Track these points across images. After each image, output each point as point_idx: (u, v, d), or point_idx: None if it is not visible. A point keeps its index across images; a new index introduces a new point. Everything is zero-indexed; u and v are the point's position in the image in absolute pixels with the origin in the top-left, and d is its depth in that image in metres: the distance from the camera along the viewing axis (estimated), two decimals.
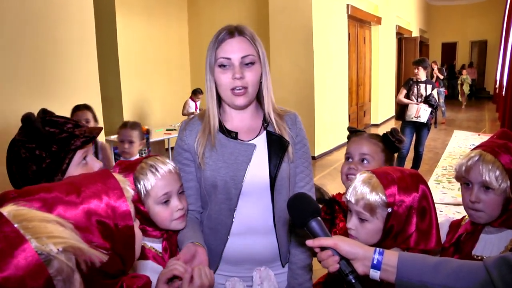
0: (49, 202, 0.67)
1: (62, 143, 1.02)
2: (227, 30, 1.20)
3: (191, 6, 8.35)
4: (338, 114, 7.66)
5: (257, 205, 1.21)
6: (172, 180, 1.15)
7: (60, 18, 2.57)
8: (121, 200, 0.75)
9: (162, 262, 1.12)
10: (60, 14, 2.57)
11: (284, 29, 6.68)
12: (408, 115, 5.04)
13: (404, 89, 5.20)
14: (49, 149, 1.01)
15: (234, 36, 1.18)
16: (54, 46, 2.55)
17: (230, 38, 1.18)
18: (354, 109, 9.01)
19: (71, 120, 1.09)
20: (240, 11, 7.67)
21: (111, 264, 0.72)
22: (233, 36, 1.18)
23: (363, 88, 9.55)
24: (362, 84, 9.50)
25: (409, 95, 5.12)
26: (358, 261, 0.87)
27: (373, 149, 1.34)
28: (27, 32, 2.36)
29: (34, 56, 2.44)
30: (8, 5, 2.25)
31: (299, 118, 1.34)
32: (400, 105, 5.21)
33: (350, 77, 8.51)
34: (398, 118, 5.30)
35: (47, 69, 2.52)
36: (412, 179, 1.04)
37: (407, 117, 5.05)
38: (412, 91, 5.11)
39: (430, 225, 1.03)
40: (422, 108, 4.97)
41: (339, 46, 7.62)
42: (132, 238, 0.77)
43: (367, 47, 9.63)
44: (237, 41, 1.18)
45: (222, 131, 1.23)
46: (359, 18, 8.53)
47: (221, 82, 1.19)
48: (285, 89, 6.86)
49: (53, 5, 2.50)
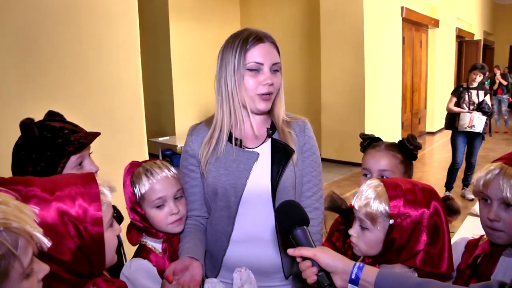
0: (23, 194, 0.73)
1: (56, 148, 1.07)
2: (256, 35, 1.18)
3: (244, 10, 8.47)
4: (390, 121, 7.38)
5: (258, 214, 1.19)
6: (168, 185, 1.16)
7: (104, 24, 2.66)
8: (94, 204, 0.78)
9: (161, 262, 1.15)
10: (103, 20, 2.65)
11: (335, 34, 6.58)
12: (460, 125, 4.67)
13: (453, 97, 4.85)
14: (44, 153, 1.06)
15: (264, 42, 1.17)
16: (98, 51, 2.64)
17: (261, 43, 1.17)
18: (408, 116, 8.64)
19: (68, 124, 1.14)
20: (293, 15, 7.65)
21: (77, 263, 0.77)
22: (263, 42, 1.17)
23: (418, 94, 9.14)
24: (417, 90, 9.09)
25: (460, 103, 4.76)
26: (337, 274, 0.86)
27: (392, 162, 1.26)
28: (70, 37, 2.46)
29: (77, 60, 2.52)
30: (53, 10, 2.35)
31: (309, 126, 1.29)
32: (450, 114, 4.87)
33: (404, 83, 8.18)
34: (448, 127, 4.91)
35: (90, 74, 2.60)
36: (424, 194, 0.97)
37: (460, 126, 4.68)
38: (463, 99, 4.75)
39: (442, 247, 0.96)
40: (476, 116, 4.59)
41: (393, 50, 7.36)
42: (100, 243, 0.79)
43: (423, 51, 9.21)
44: (268, 47, 1.18)
45: (228, 138, 1.22)
46: (414, 21, 8.18)
47: (249, 86, 1.17)
48: (335, 94, 6.75)
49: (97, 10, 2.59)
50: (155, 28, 7.37)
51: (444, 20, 9.58)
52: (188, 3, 7.35)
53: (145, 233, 1.20)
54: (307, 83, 7.58)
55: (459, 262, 1.07)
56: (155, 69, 7.55)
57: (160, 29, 7.22)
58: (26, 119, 1.08)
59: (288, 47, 7.73)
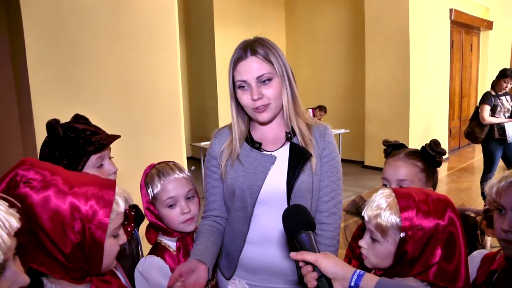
0: (47, 180, 0.80)
1: (78, 148, 1.16)
2: (240, 49, 1.21)
3: (289, 15, 8.51)
4: (436, 128, 7.13)
5: (274, 216, 1.20)
6: (179, 186, 1.23)
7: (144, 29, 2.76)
8: (105, 210, 0.82)
9: (176, 259, 1.22)
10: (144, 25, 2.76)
11: (380, 38, 6.47)
12: (509, 136, 4.35)
13: (487, 105, 4.44)
14: (67, 152, 1.15)
15: (247, 57, 1.19)
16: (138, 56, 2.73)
17: (242, 60, 1.19)
18: (456, 123, 8.28)
19: (91, 127, 1.23)
20: (338, 21, 7.59)
21: (74, 258, 0.81)
22: (246, 57, 1.19)
23: (467, 100, 8.74)
24: (467, 96, 8.69)
25: (496, 112, 4.44)
26: (337, 281, 0.86)
27: (412, 171, 1.22)
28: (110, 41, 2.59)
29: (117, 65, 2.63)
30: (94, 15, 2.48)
31: (330, 131, 1.29)
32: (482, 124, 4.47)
33: (452, 88, 7.87)
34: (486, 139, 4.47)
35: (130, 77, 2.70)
36: (438, 204, 0.92)
37: (509, 138, 4.35)
38: (499, 107, 4.42)
39: (458, 263, 0.90)
40: None
41: (440, 54, 7.10)
42: (99, 247, 0.83)
43: (474, 55, 8.80)
44: (249, 62, 1.19)
45: (247, 141, 1.27)
46: (464, 23, 7.84)
47: (243, 103, 1.22)
48: (379, 100, 6.64)
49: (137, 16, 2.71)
50: (201, 33, 7.59)
51: (499, 22, 9.09)
52: (233, 9, 7.50)
53: (161, 232, 1.28)
54: (352, 89, 7.49)
55: (475, 277, 1.02)
56: (200, 75, 7.79)
57: (206, 34, 7.41)
58: (52, 120, 1.18)
59: (332, 53, 7.71)
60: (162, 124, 2.95)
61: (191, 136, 8.13)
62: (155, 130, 2.89)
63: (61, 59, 2.40)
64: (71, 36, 2.43)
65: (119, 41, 2.66)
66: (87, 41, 2.50)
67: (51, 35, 2.35)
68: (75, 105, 2.38)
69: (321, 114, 6.66)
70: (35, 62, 2.29)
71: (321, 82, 7.87)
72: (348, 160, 7.25)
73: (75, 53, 2.46)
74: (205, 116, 7.84)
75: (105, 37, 2.58)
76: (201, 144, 5.75)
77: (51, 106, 2.32)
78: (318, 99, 7.42)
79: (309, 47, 8.10)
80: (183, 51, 7.85)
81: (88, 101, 2.50)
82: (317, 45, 7.93)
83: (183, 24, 7.76)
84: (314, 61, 8.00)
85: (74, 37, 2.45)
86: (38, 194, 0.79)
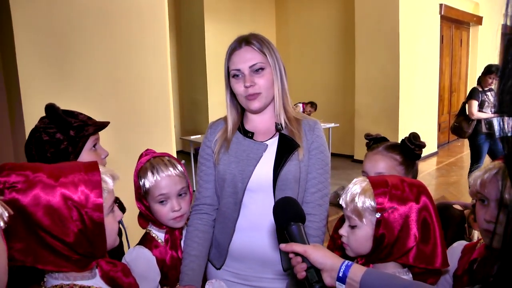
0: (30, 179, 0.80)
1: (78, 129, 1.20)
2: (235, 41, 1.28)
3: (279, 10, 8.51)
4: (426, 122, 7.20)
5: (262, 203, 1.25)
6: (171, 184, 1.23)
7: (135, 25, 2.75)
8: (96, 191, 0.83)
9: (163, 251, 1.24)
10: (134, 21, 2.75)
11: (370, 34, 6.51)
12: (497, 130, 4.42)
13: (475, 101, 4.51)
14: (68, 133, 1.18)
15: (241, 47, 1.26)
16: (129, 51, 2.73)
17: (237, 49, 1.26)
18: (445, 118, 8.37)
19: (82, 114, 1.28)
20: (328, 16, 7.61)
21: (79, 244, 0.83)
22: (240, 47, 1.26)
23: (457, 95, 8.82)
24: (456, 90, 8.78)
25: (484, 107, 4.51)
26: (325, 271, 0.87)
27: (390, 164, 1.23)
28: (102, 37, 2.59)
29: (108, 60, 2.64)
30: (86, 12, 2.47)
31: (319, 126, 1.33)
32: (470, 118, 4.54)
33: (442, 83, 7.94)
34: (473, 134, 4.54)
35: (120, 72, 2.70)
36: (412, 189, 0.95)
37: (497, 132, 4.41)
38: (486, 102, 4.47)
39: (434, 243, 0.93)
40: None
41: (430, 49, 7.16)
42: (101, 227, 0.84)
43: (463, 50, 8.88)
44: (244, 52, 1.25)
45: (240, 131, 1.32)
46: (454, 18, 7.91)
47: (236, 91, 1.28)
48: (369, 95, 6.68)
49: (128, 12, 2.70)
50: (191, 28, 7.56)
51: (489, 17, 9.17)
52: (224, 3, 7.48)
53: (151, 222, 1.29)
54: (342, 83, 7.52)
55: (456, 268, 1.04)
56: (191, 69, 7.76)
57: (196, 29, 7.39)
58: (51, 103, 1.21)
59: (322, 48, 7.72)
60: (152, 118, 2.95)
61: (182, 130, 8.10)
62: (145, 124, 2.89)
63: (51, 55, 2.39)
64: (60, 31, 2.42)
65: (109, 35, 2.64)
66: (76, 36, 2.49)
67: (40, 32, 2.33)
68: (65, 100, 2.38)
69: (311, 110, 6.67)
70: (25, 59, 2.28)
71: (312, 77, 7.88)
72: (338, 154, 7.29)
73: (65, 49, 2.45)
74: (195, 110, 7.82)
75: (94, 32, 2.57)
76: (191, 137, 5.72)
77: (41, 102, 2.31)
78: (309, 94, 7.43)
79: (300, 42, 8.11)
80: (173, 46, 7.81)
81: (78, 96, 2.48)
82: (308, 40, 7.94)
83: (173, 19, 7.69)
84: (304, 56, 8.01)
85: (63, 32, 2.43)
86: (26, 195, 0.79)
